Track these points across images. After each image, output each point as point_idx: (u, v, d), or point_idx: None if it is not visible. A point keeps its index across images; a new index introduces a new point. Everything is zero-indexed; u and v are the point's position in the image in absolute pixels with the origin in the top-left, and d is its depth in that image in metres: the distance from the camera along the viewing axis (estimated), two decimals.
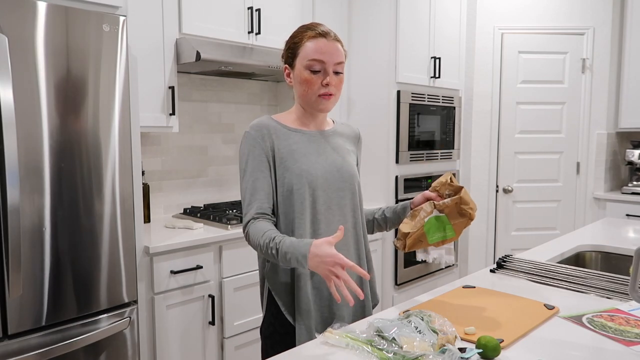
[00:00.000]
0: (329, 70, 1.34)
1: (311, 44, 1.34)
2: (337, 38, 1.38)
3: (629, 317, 1.26)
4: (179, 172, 2.80)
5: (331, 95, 1.36)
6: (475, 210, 1.39)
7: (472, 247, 3.91)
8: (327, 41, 1.34)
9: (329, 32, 1.36)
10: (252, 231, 1.31)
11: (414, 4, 3.21)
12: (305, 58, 1.34)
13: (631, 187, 3.79)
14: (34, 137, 1.61)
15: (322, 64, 1.34)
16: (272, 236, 1.25)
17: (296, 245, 1.20)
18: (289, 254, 1.20)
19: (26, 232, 1.61)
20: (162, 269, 2.09)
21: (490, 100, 3.80)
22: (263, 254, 1.28)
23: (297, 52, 1.36)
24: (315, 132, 1.43)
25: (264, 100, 3.20)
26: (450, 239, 1.40)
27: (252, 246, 1.32)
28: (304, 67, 1.34)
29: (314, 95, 1.36)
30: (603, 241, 2.12)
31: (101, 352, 1.81)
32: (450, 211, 1.38)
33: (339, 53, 1.36)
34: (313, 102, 1.37)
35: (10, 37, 1.53)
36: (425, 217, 1.37)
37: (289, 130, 1.39)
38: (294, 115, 1.44)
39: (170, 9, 2.33)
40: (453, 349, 0.99)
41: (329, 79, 1.34)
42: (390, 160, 3.17)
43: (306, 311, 1.32)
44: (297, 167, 1.34)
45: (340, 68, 1.37)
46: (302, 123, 1.43)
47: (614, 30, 3.81)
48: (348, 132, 1.53)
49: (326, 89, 1.35)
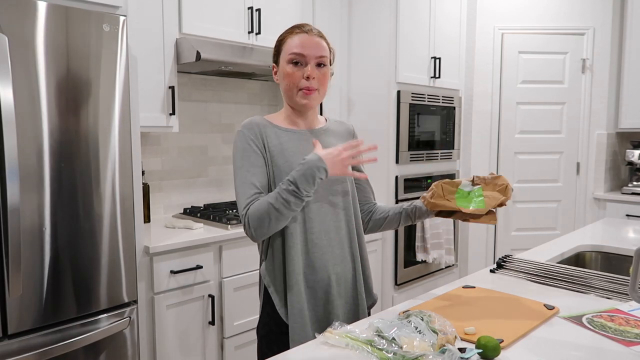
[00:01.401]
0: (310, 62, 1.35)
1: (292, 39, 1.37)
2: (321, 34, 1.40)
3: (628, 317, 1.26)
4: (178, 172, 2.80)
5: (313, 90, 1.36)
6: (510, 193, 1.37)
7: (472, 247, 3.91)
8: (309, 36, 1.37)
9: (312, 29, 1.39)
10: (252, 209, 1.27)
11: (414, 4, 3.21)
12: (287, 52, 1.37)
13: (631, 187, 3.79)
14: (34, 137, 1.61)
15: (303, 57, 1.35)
16: (278, 187, 1.27)
17: (304, 165, 1.25)
18: (305, 174, 1.24)
19: (26, 232, 1.61)
20: (162, 268, 2.09)
21: (490, 101, 3.80)
22: (278, 213, 1.25)
23: (280, 49, 1.40)
24: (306, 132, 1.43)
25: (264, 100, 3.20)
26: (478, 209, 1.35)
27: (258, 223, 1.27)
28: (286, 61, 1.37)
29: (295, 89, 1.37)
30: (603, 241, 2.12)
31: (101, 352, 1.81)
32: (486, 186, 1.38)
33: (320, 47, 1.37)
34: (295, 97, 1.37)
35: (10, 37, 1.53)
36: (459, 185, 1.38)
37: (279, 129, 1.40)
38: (283, 115, 1.45)
39: (170, 9, 2.33)
40: (453, 349, 0.99)
41: (310, 70, 1.34)
42: (390, 160, 3.17)
43: (300, 310, 1.33)
44: (287, 165, 1.34)
45: (324, 62, 1.37)
46: (292, 122, 1.43)
47: (614, 31, 3.81)
48: (341, 130, 1.52)
49: (308, 82, 1.35)
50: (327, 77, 1.40)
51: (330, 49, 1.41)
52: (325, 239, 1.37)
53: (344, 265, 1.41)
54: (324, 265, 1.37)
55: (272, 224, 1.27)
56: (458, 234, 3.82)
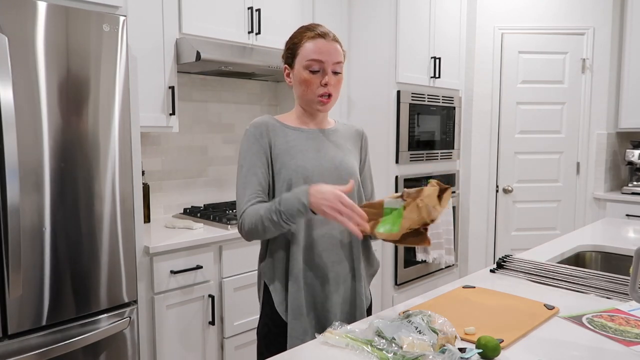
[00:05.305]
0: (328, 70, 1.36)
1: (310, 44, 1.35)
2: (336, 39, 1.39)
3: (629, 317, 1.26)
4: (179, 172, 2.80)
5: (330, 95, 1.37)
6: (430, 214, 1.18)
7: (472, 247, 3.91)
8: (326, 41, 1.36)
9: (328, 33, 1.37)
10: (248, 213, 1.31)
11: (414, 4, 3.21)
12: (304, 58, 1.36)
13: (631, 187, 3.79)
14: (34, 137, 1.61)
15: (321, 64, 1.35)
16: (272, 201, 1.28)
17: (296, 191, 1.25)
18: (290, 199, 1.23)
19: (26, 232, 1.60)
20: (162, 269, 2.09)
21: (490, 101, 3.80)
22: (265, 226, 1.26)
23: (296, 52, 1.38)
24: (315, 130, 1.43)
25: (264, 100, 3.20)
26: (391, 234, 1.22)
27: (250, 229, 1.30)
28: (303, 67, 1.36)
29: (313, 95, 1.37)
30: (603, 241, 2.12)
31: (101, 352, 1.81)
32: (410, 205, 1.21)
33: (337, 53, 1.37)
34: (312, 102, 1.39)
35: (10, 37, 1.53)
36: (387, 199, 1.25)
37: (287, 128, 1.41)
38: (294, 115, 1.46)
39: (170, 9, 2.33)
40: (453, 349, 0.99)
41: (327, 78, 1.35)
42: (390, 160, 3.17)
43: (298, 308, 1.33)
44: (293, 162, 1.35)
45: (339, 68, 1.38)
46: (302, 122, 1.44)
47: (614, 31, 3.81)
48: (350, 131, 1.52)
49: (325, 89, 1.36)
50: (341, 83, 1.41)
51: (344, 52, 1.41)
52: (328, 237, 1.38)
53: (344, 266, 1.41)
54: (323, 264, 1.37)
55: (261, 234, 1.31)
56: (458, 234, 3.82)
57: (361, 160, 1.53)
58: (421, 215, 1.20)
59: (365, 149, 1.56)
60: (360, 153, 1.53)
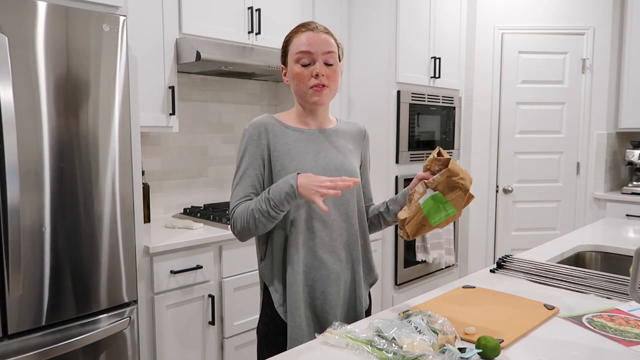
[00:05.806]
0: (318, 60, 1.35)
1: (298, 38, 1.36)
2: (327, 31, 1.39)
3: (628, 317, 1.26)
4: (179, 172, 2.80)
5: (324, 86, 1.36)
6: (469, 180, 1.27)
7: (472, 247, 3.91)
8: (314, 33, 1.36)
9: (317, 26, 1.37)
10: (239, 209, 1.33)
11: (414, 4, 3.21)
12: (294, 52, 1.36)
13: (631, 187, 3.79)
14: (34, 137, 1.61)
15: (310, 55, 1.34)
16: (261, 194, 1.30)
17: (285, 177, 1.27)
18: (278, 184, 1.26)
19: (26, 232, 1.61)
20: (162, 269, 2.09)
21: (490, 101, 3.80)
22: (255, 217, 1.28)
23: (287, 49, 1.39)
24: (315, 131, 1.42)
25: (264, 100, 3.20)
26: (452, 216, 1.30)
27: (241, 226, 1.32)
28: (294, 61, 1.37)
29: (306, 88, 1.36)
30: (603, 241, 2.12)
31: (101, 352, 1.81)
32: (443, 187, 1.28)
33: (327, 43, 1.36)
34: (306, 96, 1.37)
35: (10, 37, 1.53)
36: (420, 199, 1.29)
37: (287, 128, 1.40)
38: (294, 114, 1.44)
39: (170, 9, 2.33)
40: (453, 349, 0.99)
41: (318, 68, 1.34)
42: (390, 160, 3.17)
43: (297, 308, 1.33)
44: (292, 165, 1.34)
45: (331, 59, 1.36)
46: (303, 122, 1.43)
47: (614, 31, 3.81)
48: (352, 130, 1.51)
49: (317, 79, 1.34)
50: (336, 74, 1.39)
51: (338, 44, 1.40)
52: (327, 238, 1.37)
53: (344, 267, 1.41)
54: (323, 265, 1.37)
55: (252, 228, 1.31)
56: (458, 234, 3.82)
57: (361, 160, 1.53)
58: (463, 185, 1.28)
59: (367, 148, 1.55)
60: (361, 152, 1.53)
